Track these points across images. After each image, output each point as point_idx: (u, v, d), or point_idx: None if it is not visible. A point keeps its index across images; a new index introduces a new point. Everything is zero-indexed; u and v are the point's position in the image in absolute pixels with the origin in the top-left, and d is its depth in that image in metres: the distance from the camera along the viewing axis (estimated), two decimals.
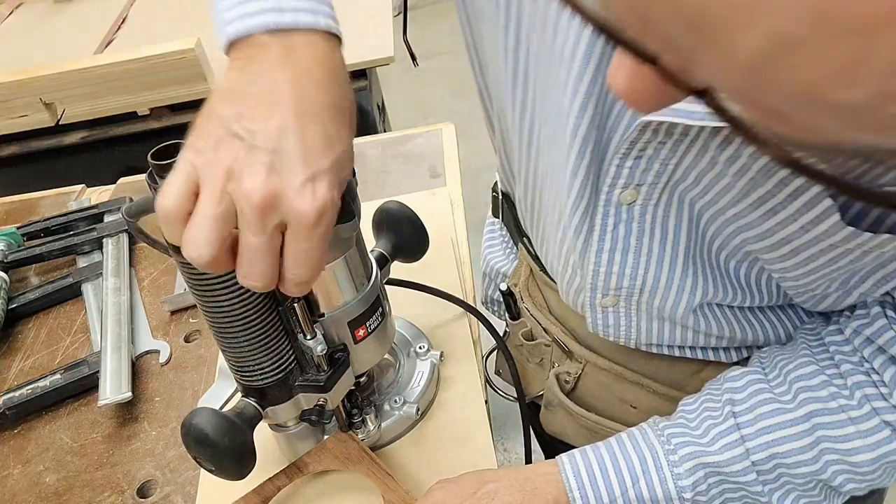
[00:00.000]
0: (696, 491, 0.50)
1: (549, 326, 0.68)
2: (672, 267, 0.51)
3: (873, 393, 0.47)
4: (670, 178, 0.46)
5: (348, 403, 0.63)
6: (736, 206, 0.45)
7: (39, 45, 1.49)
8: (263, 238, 0.40)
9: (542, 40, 0.45)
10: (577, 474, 0.52)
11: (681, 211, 0.48)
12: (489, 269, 0.82)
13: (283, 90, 0.41)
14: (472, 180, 1.15)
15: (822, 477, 0.49)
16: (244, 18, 0.42)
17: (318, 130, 0.41)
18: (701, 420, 0.52)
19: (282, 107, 0.40)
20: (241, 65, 0.42)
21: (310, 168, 0.40)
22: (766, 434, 0.49)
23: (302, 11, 0.42)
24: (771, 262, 0.48)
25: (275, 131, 0.40)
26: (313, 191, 0.40)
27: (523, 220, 0.66)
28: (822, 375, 0.49)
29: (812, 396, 0.48)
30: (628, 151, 0.45)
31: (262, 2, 0.42)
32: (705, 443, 0.50)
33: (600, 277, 0.53)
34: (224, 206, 0.40)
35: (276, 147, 0.39)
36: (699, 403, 0.53)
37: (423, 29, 3.45)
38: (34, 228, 0.95)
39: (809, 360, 0.50)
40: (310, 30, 0.43)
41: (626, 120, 0.45)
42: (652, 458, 0.51)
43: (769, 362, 0.53)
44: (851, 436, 0.47)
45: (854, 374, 0.48)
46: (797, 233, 0.43)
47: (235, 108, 0.41)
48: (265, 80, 0.41)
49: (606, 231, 0.50)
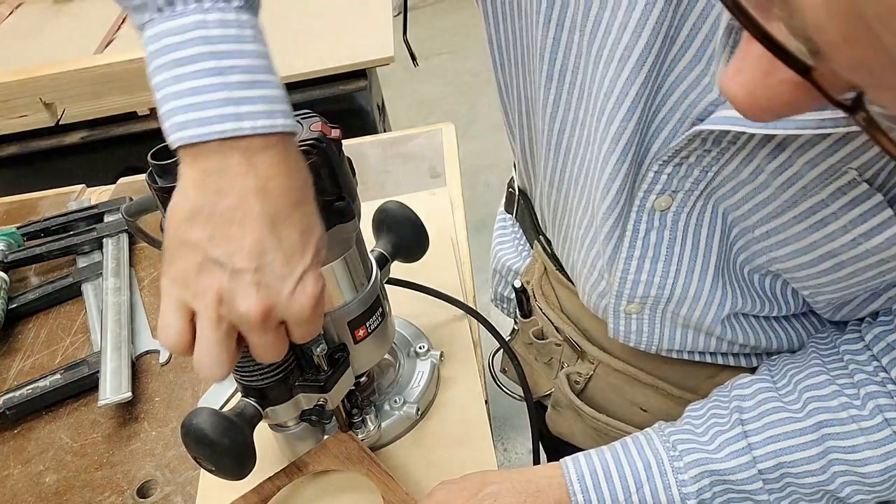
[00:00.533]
0: (700, 498, 0.49)
1: (561, 326, 0.68)
2: (702, 278, 0.50)
3: (887, 404, 0.46)
4: (708, 185, 0.45)
5: (348, 403, 0.63)
6: (776, 219, 0.44)
7: (39, 45, 1.49)
8: (269, 336, 0.44)
9: (586, 41, 0.44)
10: (580, 478, 0.51)
11: (714, 221, 0.47)
12: (500, 265, 0.81)
13: (251, 204, 0.40)
14: (472, 180, 1.15)
15: (829, 487, 0.48)
16: (201, 124, 0.39)
17: (293, 233, 0.42)
18: (707, 427, 0.51)
19: (253, 222, 0.40)
20: (200, 179, 0.40)
21: (294, 273, 0.42)
22: (774, 443, 0.48)
23: (260, 116, 0.40)
24: (804, 279, 0.47)
25: (252, 249, 0.41)
26: (304, 290, 0.42)
27: (543, 220, 0.65)
28: (833, 385, 0.48)
29: (822, 406, 0.48)
30: (671, 158, 0.44)
31: (217, 106, 0.39)
32: (711, 450, 0.49)
33: (627, 285, 0.52)
34: (223, 328, 0.42)
35: (258, 265, 0.41)
36: (706, 409, 0.53)
37: (423, 29, 3.45)
38: (34, 228, 0.95)
39: (821, 369, 0.50)
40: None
41: (670, 125, 0.44)
42: (656, 464, 0.50)
43: (778, 370, 0.52)
44: (861, 446, 0.46)
45: (868, 385, 0.47)
46: (846, 246, 0.42)
47: (205, 231, 0.41)
48: (230, 197, 0.40)
49: (637, 237, 0.49)
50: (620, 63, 0.42)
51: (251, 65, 0.40)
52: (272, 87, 0.41)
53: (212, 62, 0.39)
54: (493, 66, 0.57)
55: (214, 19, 0.39)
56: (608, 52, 0.42)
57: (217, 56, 0.39)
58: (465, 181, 0.98)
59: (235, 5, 0.40)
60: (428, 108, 3.00)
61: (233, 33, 0.40)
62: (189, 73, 0.39)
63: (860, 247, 0.42)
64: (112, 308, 0.82)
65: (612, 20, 0.41)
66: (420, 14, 3.66)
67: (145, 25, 0.40)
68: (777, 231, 0.45)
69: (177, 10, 0.39)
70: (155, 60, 0.40)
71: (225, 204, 0.40)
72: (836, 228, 0.42)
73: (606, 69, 0.43)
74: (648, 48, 0.41)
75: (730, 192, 0.45)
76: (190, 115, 0.39)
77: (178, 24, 0.39)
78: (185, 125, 0.39)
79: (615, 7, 0.41)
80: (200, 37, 0.39)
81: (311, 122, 0.50)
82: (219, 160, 0.40)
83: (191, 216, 0.41)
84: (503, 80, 0.58)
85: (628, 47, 0.41)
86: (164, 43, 0.39)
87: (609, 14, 0.42)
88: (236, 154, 0.40)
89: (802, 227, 0.43)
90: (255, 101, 0.40)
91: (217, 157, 0.40)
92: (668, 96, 0.43)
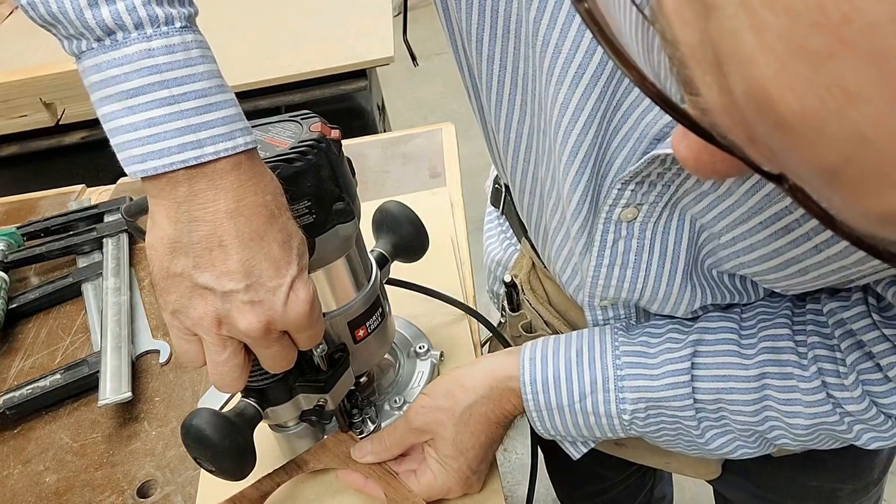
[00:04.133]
0: (633, 416, 0.53)
1: (550, 320, 0.69)
2: (671, 282, 0.51)
3: (830, 368, 0.48)
4: (672, 196, 0.46)
5: (348, 403, 0.63)
6: (741, 225, 0.44)
7: (39, 45, 1.49)
8: (274, 347, 0.46)
9: (538, 55, 0.44)
10: (533, 381, 0.55)
11: (681, 227, 0.48)
12: (489, 260, 0.82)
13: (226, 227, 0.41)
14: (472, 180, 1.15)
15: (759, 429, 0.51)
16: (161, 155, 0.39)
17: (273, 246, 0.43)
18: (660, 350, 0.53)
19: (231, 243, 0.41)
20: (172, 209, 0.41)
21: (284, 283, 0.43)
22: (718, 381, 0.51)
23: (220, 139, 0.39)
24: (772, 281, 0.48)
25: (238, 270, 0.42)
26: (297, 297, 0.44)
27: (524, 218, 0.66)
28: (790, 341, 0.50)
29: (772, 359, 0.50)
30: (632, 179, 0.44)
31: (176, 136, 0.39)
32: (655, 375, 0.52)
33: (598, 288, 0.53)
34: (229, 348, 0.45)
35: (247, 283, 0.42)
36: (665, 330, 0.54)
37: (424, 29, 3.44)
38: (34, 228, 0.95)
39: (786, 321, 0.51)
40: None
41: (629, 145, 0.44)
42: (602, 381, 0.53)
43: (751, 312, 0.54)
44: (794, 401, 0.49)
45: (818, 348, 0.49)
46: (809, 252, 0.43)
47: (189, 260, 0.41)
48: (204, 223, 0.41)
49: (606, 247, 0.50)
50: (574, 80, 0.42)
51: (203, 88, 0.39)
52: (227, 105, 0.41)
53: (164, 91, 0.38)
54: (459, 72, 0.56)
55: (159, 46, 0.38)
56: (560, 70, 0.42)
57: (168, 84, 0.38)
58: (465, 181, 0.98)
59: (178, 26, 0.39)
60: (428, 108, 3.01)
61: (180, 58, 0.39)
62: (141, 104, 0.38)
63: (822, 254, 0.42)
64: (112, 308, 0.82)
65: (562, 40, 0.41)
66: (420, 14, 3.66)
67: (83, 55, 0.39)
68: (743, 237, 0.45)
69: (118, 39, 0.38)
70: (100, 91, 0.39)
71: (201, 232, 0.41)
72: (799, 235, 0.42)
73: (560, 85, 0.43)
74: (602, 66, 0.41)
75: (694, 201, 0.45)
76: (148, 146, 0.39)
77: (122, 54, 0.38)
78: (145, 157, 0.39)
79: (565, 27, 0.41)
80: (148, 66, 0.38)
81: (311, 123, 0.50)
82: (187, 188, 0.40)
83: (171, 249, 0.41)
84: (469, 84, 0.57)
85: (582, 66, 0.41)
86: (110, 74, 0.39)
87: (558, 34, 0.41)
88: (203, 180, 0.40)
89: (767, 233, 0.44)
90: (213, 125, 0.40)
91: (185, 185, 0.40)
92: (627, 116, 0.44)
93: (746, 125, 0.19)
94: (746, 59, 0.17)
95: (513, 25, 0.46)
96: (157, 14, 0.38)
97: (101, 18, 0.37)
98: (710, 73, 0.19)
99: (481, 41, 0.49)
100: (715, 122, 0.20)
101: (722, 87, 0.19)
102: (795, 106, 0.17)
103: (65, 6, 0.38)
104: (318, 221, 0.49)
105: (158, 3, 0.38)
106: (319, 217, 0.49)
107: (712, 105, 0.20)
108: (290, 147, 0.48)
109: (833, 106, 0.16)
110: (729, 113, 0.19)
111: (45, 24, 0.40)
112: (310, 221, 0.48)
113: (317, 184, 0.48)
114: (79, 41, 0.39)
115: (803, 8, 0.15)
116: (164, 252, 0.42)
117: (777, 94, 0.17)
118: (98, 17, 0.37)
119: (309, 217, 0.48)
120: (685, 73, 0.20)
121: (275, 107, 1.33)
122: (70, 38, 0.39)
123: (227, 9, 1.60)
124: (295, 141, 0.48)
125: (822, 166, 0.18)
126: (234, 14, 1.58)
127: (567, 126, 0.44)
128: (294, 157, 0.47)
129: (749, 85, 0.18)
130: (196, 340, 0.45)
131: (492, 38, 0.48)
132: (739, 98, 0.18)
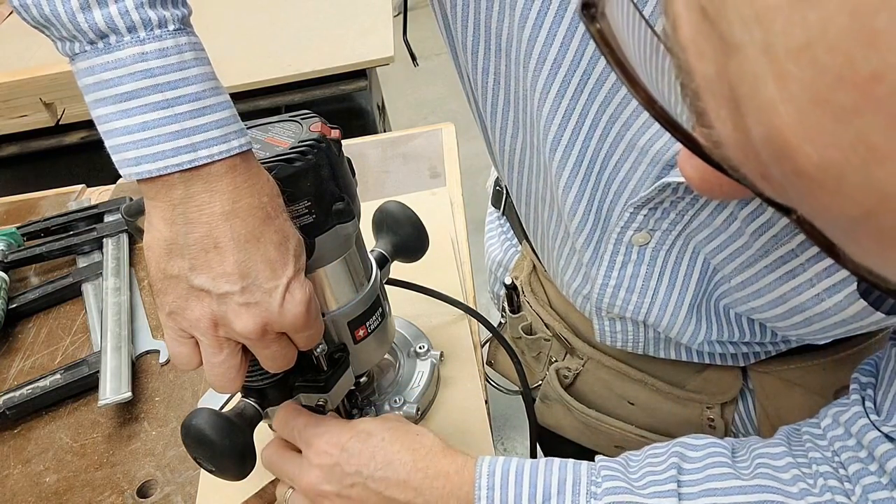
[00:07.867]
0: None
1: (550, 322, 0.69)
2: (676, 313, 0.50)
3: (836, 486, 0.43)
4: (685, 227, 0.45)
5: (348, 403, 0.63)
6: (749, 268, 0.44)
7: (39, 45, 1.49)
8: (273, 348, 0.46)
9: (530, 78, 0.44)
10: (491, 473, 0.48)
11: (694, 260, 0.47)
12: (490, 261, 0.82)
13: (221, 230, 0.41)
14: (472, 180, 1.15)
15: None
16: (156, 159, 0.39)
17: (269, 247, 0.42)
18: (641, 466, 0.47)
19: (227, 245, 0.41)
20: (168, 211, 0.41)
21: (280, 285, 0.43)
22: (709, 496, 0.44)
23: (215, 142, 0.39)
24: (783, 329, 0.47)
25: (234, 272, 0.41)
26: (293, 299, 0.44)
27: (524, 225, 0.66)
28: (788, 457, 0.46)
29: (772, 473, 0.44)
30: (644, 204, 0.44)
31: (170, 139, 0.38)
32: (636, 483, 0.46)
33: (604, 305, 0.52)
34: (226, 349, 0.45)
35: (243, 285, 0.42)
36: (644, 452, 0.49)
37: (424, 29, 3.44)
38: (34, 228, 0.95)
39: (781, 442, 0.47)
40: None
41: (639, 172, 0.44)
42: (573, 483, 0.46)
43: (742, 442, 0.49)
44: None
45: (821, 463, 0.45)
46: (812, 301, 0.42)
47: (185, 262, 0.41)
48: (200, 225, 0.41)
49: (614, 268, 0.49)
50: (573, 97, 0.42)
51: (197, 91, 0.39)
52: (222, 108, 0.40)
53: (157, 95, 0.38)
54: (461, 81, 0.56)
55: (153, 50, 0.38)
56: (556, 91, 0.43)
57: (162, 88, 0.38)
58: (465, 181, 0.98)
59: (172, 29, 0.39)
60: (428, 108, 3.00)
61: (174, 62, 0.39)
62: (136, 107, 0.38)
63: (823, 303, 0.42)
64: (112, 308, 0.82)
65: (562, 56, 0.42)
66: (420, 14, 3.66)
67: (76, 56, 0.39)
68: (751, 281, 0.45)
69: (111, 43, 0.38)
70: (94, 93, 0.39)
71: (197, 234, 0.41)
72: (803, 281, 0.42)
73: (556, 104, 0.43)
74: (600, 84, 0.41)
75: (707, 239, 0.45)
76: (143, 150, 0.39)
77: (115, 57, 0.38)
78: (140, 160, 0.39)
79: (563, 46, 0.41)
80: (141, 70, 0.38)
81: (311, 123, 0.50)
82: (182, 190, 0.40)
83: (167, 250, 0.41)
84: (469, 88, 0.57)
85: (581, 82, 0.41)
86: (103, 77, 0.38)
87: (557, 49, 0.41)
88: (198, 182, 0.40)
89: (773, 277, 0.43)
90: (207, 128, 0.39)
91: (180, 188, 0.40)
92: (632, 146, 0.43)
93: (760, 164, 0.19)
94: (766, 104, 0.17)
95: (504, 44, 0.46)
96: (150, 17, 0.38)
97: (93, 22, 0.37)
98: (726, 109, 0.18)
99: (476, 54, 0.49)
100: (727, 155, 0.20)
101: (737, 125, 0.18)
102: (815, 157, 0.17)
103: (57, 9, 0.38)
104: (318, 221, 0.49)
105: (151, 6, 0.38)
106: (319, 217, 0.49)
107: (725, 140, 0.19)
108: (289, 147, 0.48)
109: (856, 162, 0.16)
110: (743, 150, 0.19)
111: (39, 27, 0.40)
112: (309, 221, 0.48)
113: (317, 184, 0.48)
114: (72, 43, 0.39)
115: (830, 62, 0.15)
116: (161, 254, 0.42)
117: (796, 143, 0.17)
118: (91, 20, 0.37)
119: (309, 217, 0.48)
120: (699, 104, 0.19)
121: (275, 107, 1.33)
122: (63, 40, 0.39)
123: (227, 9, 1.60)
124: (295, 141, 0.48)
125: (841, 215, 0.18)
126: (234, 14, 1.58)
127: (562, 149, 0.44)
128: (294, 157, 0.47)
129: (767, 130, 0.17)
130: (190, 343, 0.45)
131: (486, 54, 0.48)
132: (756, 140, 0.18)
